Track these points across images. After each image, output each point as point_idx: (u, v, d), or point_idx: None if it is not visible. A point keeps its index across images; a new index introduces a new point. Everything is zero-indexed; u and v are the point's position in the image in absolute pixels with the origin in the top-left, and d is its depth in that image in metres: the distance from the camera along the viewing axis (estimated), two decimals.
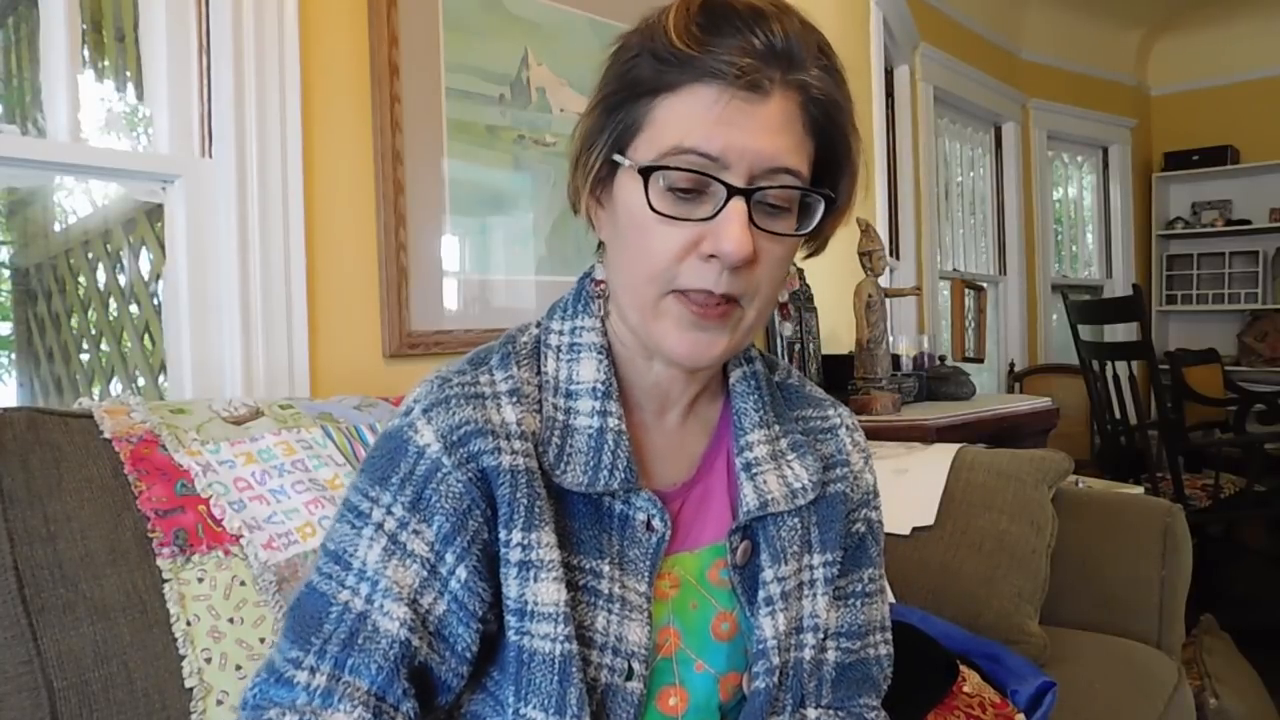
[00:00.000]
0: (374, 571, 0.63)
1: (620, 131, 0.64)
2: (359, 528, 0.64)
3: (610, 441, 0.67)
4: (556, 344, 0.71)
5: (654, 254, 0.63)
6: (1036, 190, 4.66)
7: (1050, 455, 1.54)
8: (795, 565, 0.73)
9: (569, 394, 0.69)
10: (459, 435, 0.64)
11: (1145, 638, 1.41)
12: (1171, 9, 4.89)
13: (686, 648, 0.71)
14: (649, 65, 0.62)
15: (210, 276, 1.37)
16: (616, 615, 0.66)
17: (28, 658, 0.83)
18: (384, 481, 0.65)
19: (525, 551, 0.63)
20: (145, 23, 1.37)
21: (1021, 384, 4.29)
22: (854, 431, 0.81)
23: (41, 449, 0.92)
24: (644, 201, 0.62)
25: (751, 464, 0.73)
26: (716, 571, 0.72)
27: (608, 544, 0.67)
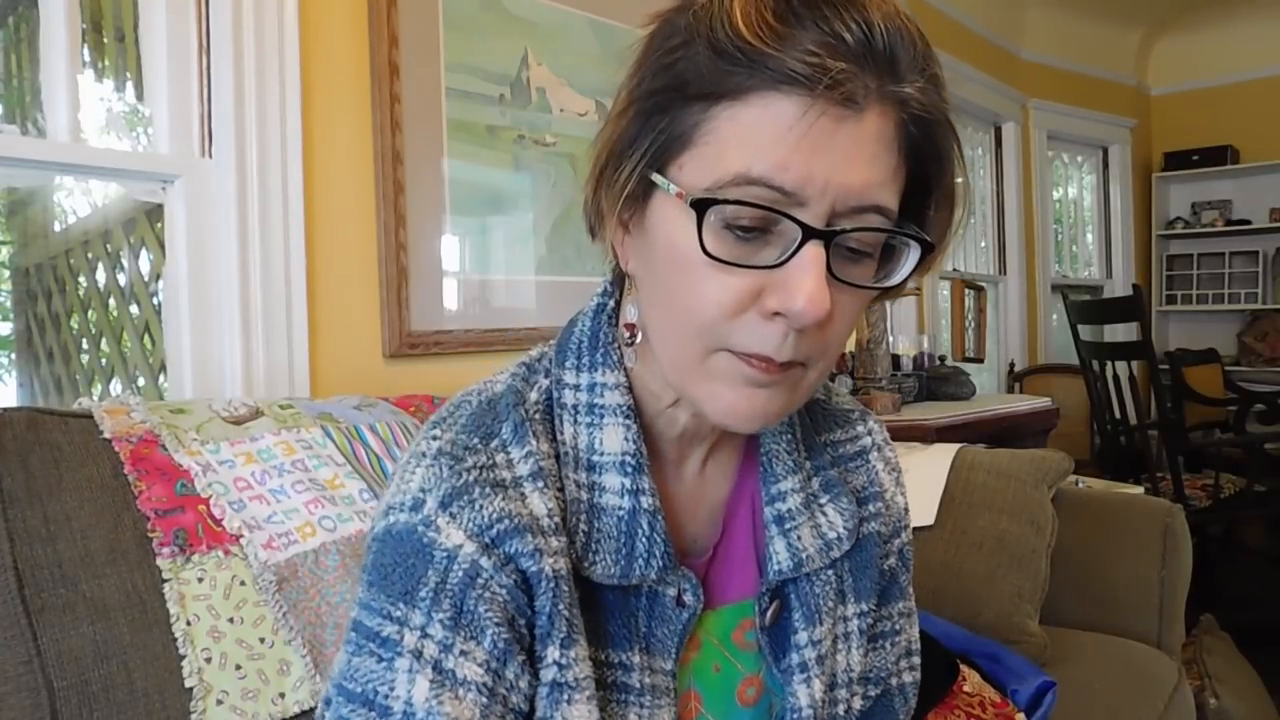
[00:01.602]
0: (424, 713, 0.49)
1: (663, 143, 0.50)
2: (388, 660, 0.51)
3: (645, 525, 0.56)
4: (573, 403, 0.58)
5: (702, 305, 0.50)
6: (1036, 190, 4.66)
7: (1050, 455, 1.54)
8: (830, 622, 0.64)
9: (591, 466, 0.57)
10: (494, 534, 0.52)
11: (1145, 638, 1.41)
12: (1171, 9, 4.89)
13: (708, 713, 0.63)
14: (706, 60, 0.48)
15: (210, 276, 1.37)
16: (648, 708, 0.58)
17: (28, 658, 0.83)
18: (409, 598, 0.51)
19: (561, 672, 0.53)
20: (145, 23, 1.37)
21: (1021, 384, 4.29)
22: (884, 450, 0.71)
23: (41, 449, 0.92)
24: (692, 239, 0.48)
25: (784, 517, 0.62)
26: (742, 633, 0.64)
27: (635, 630, 0.58)
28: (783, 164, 0.47)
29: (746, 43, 0.46)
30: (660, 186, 0.51)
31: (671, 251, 0.51)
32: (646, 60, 0.52)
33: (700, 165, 0.49)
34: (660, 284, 0.53)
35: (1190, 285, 5.34)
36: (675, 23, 0.51)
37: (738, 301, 0.50)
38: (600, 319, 0.60)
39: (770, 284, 0.49)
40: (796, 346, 0.50)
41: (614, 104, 0.54)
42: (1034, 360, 4.58)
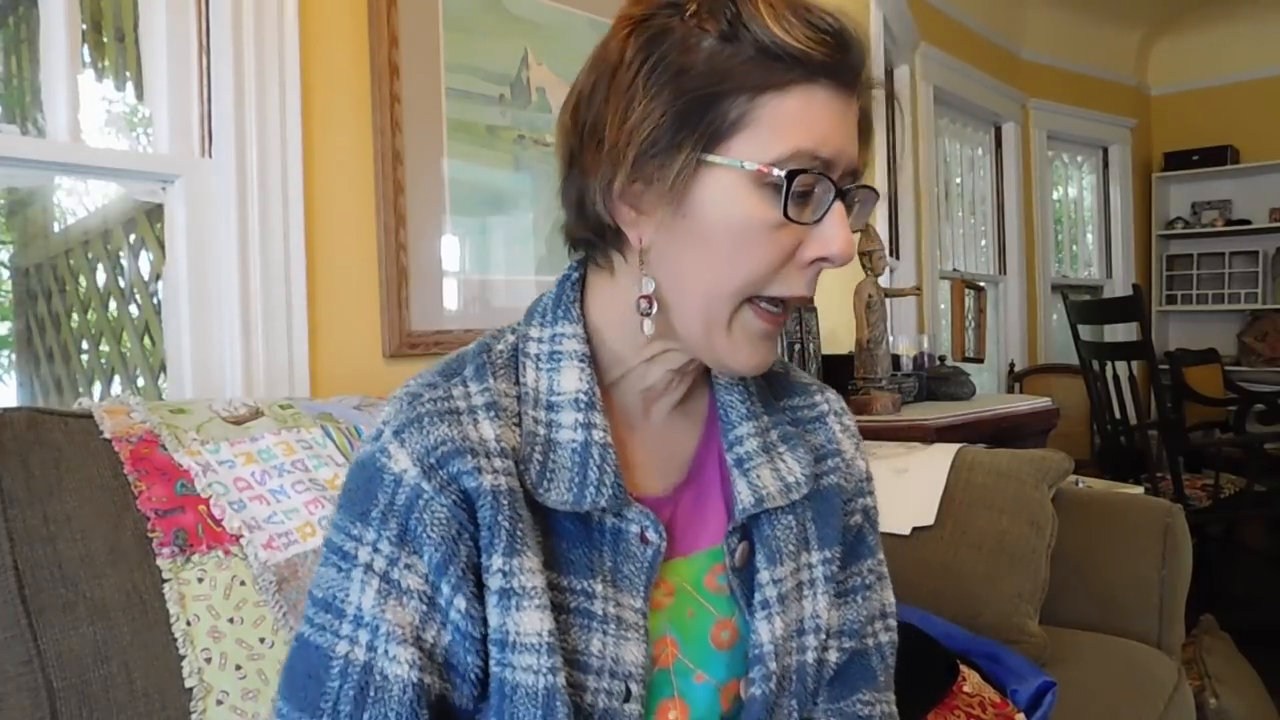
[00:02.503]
0: (372, 616, 0.58)
1: (712, 131, 0.58)
2: (346, 570, 0.60)
3: (596, 455, 0.62)
4: (536, 352, 0.66)
5: (758, 264, 0.59)
6: (1036, 190, 4.66)
7: (1050, 455, 1.54)
8: (793, 565, 0.70)
9: (550, 406, 0.64)
10: (437, 457, 0.59)
11: (1145, 638, 1.41)
12: (1171, 9, 4.89)
13: (685, 658, 0.67)
14: (746, 55, 0.57)
15: (210, 276, 1.37)
16: (612, 637, 0.63)
17: (28, 658, 0.83)
18: (364, 517, 0.60)
19: (506, 579, 0.59)
20: (145, 23, 1.37)
21: (1021, 384, 4.29)
22: (842, 416, 0.78)
23: (41, 449, 0.92)
24: (757, 209, 0.58)
25: (743, 459, 0.69)
26: (714, 577, 0.69)
27: (599, 562, 0.63)
28: (825, 140, 0.58)
29: (788, 43, 0.57)
30: (724, 165, 0.58)
31: (731, 222, 0.59)
32: (659, 61, 0.58)
33: (754, 146, 0.58)
34: (705, 250, 0.60)
35: (1190, 285, 5.34)
36: (673, 25, 0.59)
37: (784, 256, 0.60)
38: (565, 286, 0.68)
39: (809, 238, 0.60)
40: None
41: (619, 96, 0.59)
42: (1034, 360, 4.58)
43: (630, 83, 0.58)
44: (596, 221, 0.63)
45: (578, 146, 0.62)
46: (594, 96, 0.61)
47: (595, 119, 0.61)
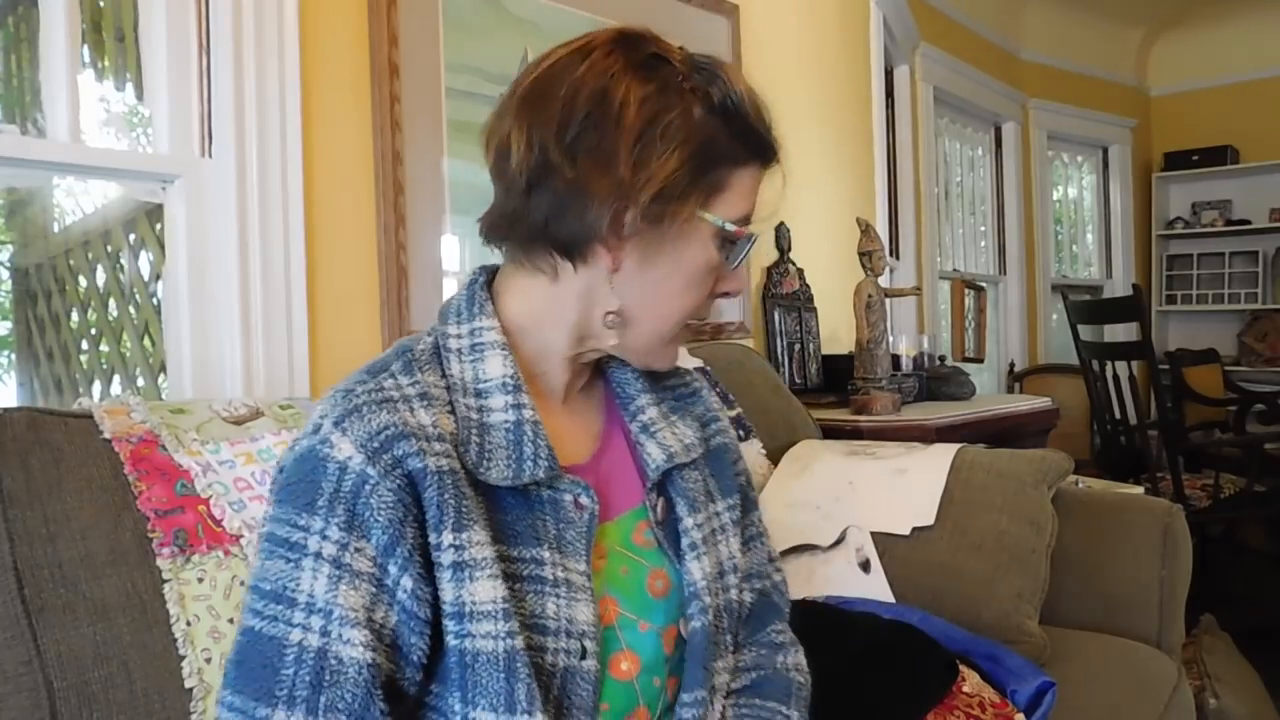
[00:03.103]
0: (325, 602, 0.61)
1: (708, 189, 0.70)
2: (295, 560, 0.62)
3: (529, 433, 0.69)
4: (457, 347, 0.72)
5: (699, 295, 0.74)
6: (1036, 190, 4.66)
7: (1050, 455, 1.54)
8: (706, 513, 0.80)
9: (479, 393, 0.70)
10: (380, 441, 0.63)
11: (1145, 638, 1.41)
12: (1171, 9, 4.89)
13: (626, 612, 0.73)
14: (737, 136, 0.70)
15: (210, 276, 1.37)
16: (564, 599, 0.68)
17: (28, 658, 0.83)
18: (310, 507, 0.62)
19: (458, 552, 0.63)
20: (145, 23, 1.37)
21: (1021, 384, 4.29)
22: (712, 392, 0.90)
23: (41, 449, 0.92)
24: (709, 256, 0.72)
25: (647, 425, 0.79)
26: (640, 534, 0.77)
27: (544, 531, 0.69)
28: (755, 207, 0.75)
29: (758, 131, 0.72)
30: (712, 221, 0.71)
31: (691, 264, 0.72)
32: (670, 112, 0.68)
33: (724, 208, 0.71)
34: (673, 284, 0.73)
35: (1190, 285, 5.34)
36: (672, 89, 0.69)
37: (710, 290, 0.75)
38: (475, 288, 0.76)
39: (723, 277, 0.75)
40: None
41: (631, 136, 0.67)
42: (1034, 360, 4.58)
43: (643, 129, 0.67)
44: (576, 236, 0.69)
45: (568, 167, 0.67)
46: (596, 128, 0.67)
47: (602, 151, 0.67)
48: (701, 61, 0.71)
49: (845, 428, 2.07)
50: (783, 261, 2.54)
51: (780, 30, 2.63)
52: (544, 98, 0.69)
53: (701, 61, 0.71)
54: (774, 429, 1.85)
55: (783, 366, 2.44)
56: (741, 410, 1.78)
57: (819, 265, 2.70)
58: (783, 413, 1.93)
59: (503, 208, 0.72)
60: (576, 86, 0.68)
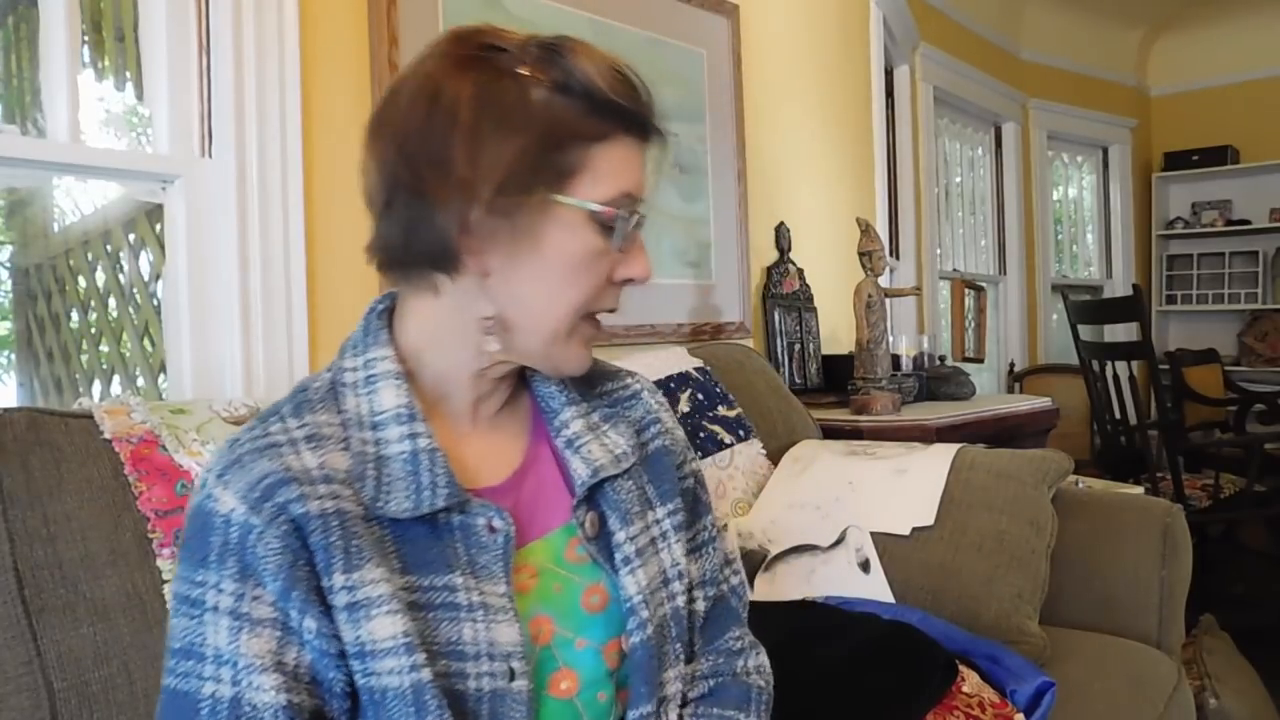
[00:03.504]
0: (230, 653, 0.61)
1: (559, 173, 0.66)
2: (198, 616, 0.62)
3: (425, 461, 0.67)
4: (352, 380, 0.71)
5: (587, 287, 0.69)
6: (1036, 190, 4.66)
7: (1050, 455, 1.54)
8: (642, 523, 0.77)
9: (375, 425, 0.68)
10: (261, 490, 0.63)
11: (1145, 638, 1.41)
12: (1171, 9, 4.89)
13: (562, 630, 0.72)
14: (583, 112, 0.66)
15: (210, 276, 1.37)
16: (482, 623, 0.67)
17: (28, 658, 0.83)
18: (204, 563, 0.63)
19: (350, 593, 0.63)
20: (145, 23, 1.37)
21: (1021, 384, 4.29)
22: (655, 394, 0.87)
23: (41, 449, 0.92)
24: (588, 241, 0.68)
25: (572, 440, 0.77)
26: (573, 550, 0.75)
27: (455, 557, 0.68)
28: (637, 184, 0.70)
29: (612, 100, 0.67)
30: (570, 205, 0.67)
31: (570, 253, 0.68)
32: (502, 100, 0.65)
33: (588, 188, 0.67)
34: (548, 279, 0.69)
35: (1190, 285, 5.34)
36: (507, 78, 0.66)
37: (605, 278, 0.70)
38: (371, 317, 0.74)
39: (619, 261, 0.71)
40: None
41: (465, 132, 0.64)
42: (1034, 360, 4.58)
43: (475, 123, 0.64)
44: (434, 247, 0.67)
45: (409, 178, 0.66)
46: (430, 131, 0.65)
47: (437, 153, 0.65)
48: (545, 42, 0.68)
49: (845, 428, 2.07)
50: (783, 261, 2.54)
51: (780, 30, 2.63)
52: (385, 118, 0.68)
53: (545, 42, 0.68)
54: (774, 429, 1.85)
55: (783, 366, 2.44)
56: (741, 410, 1.78)
57: (819, 265, 2.70)
58: (783, 413, 1.93)
59: (373, 234, 0.71)
60: (411, 97, 0.67)
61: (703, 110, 2.28)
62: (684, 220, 2.22)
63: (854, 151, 3.04)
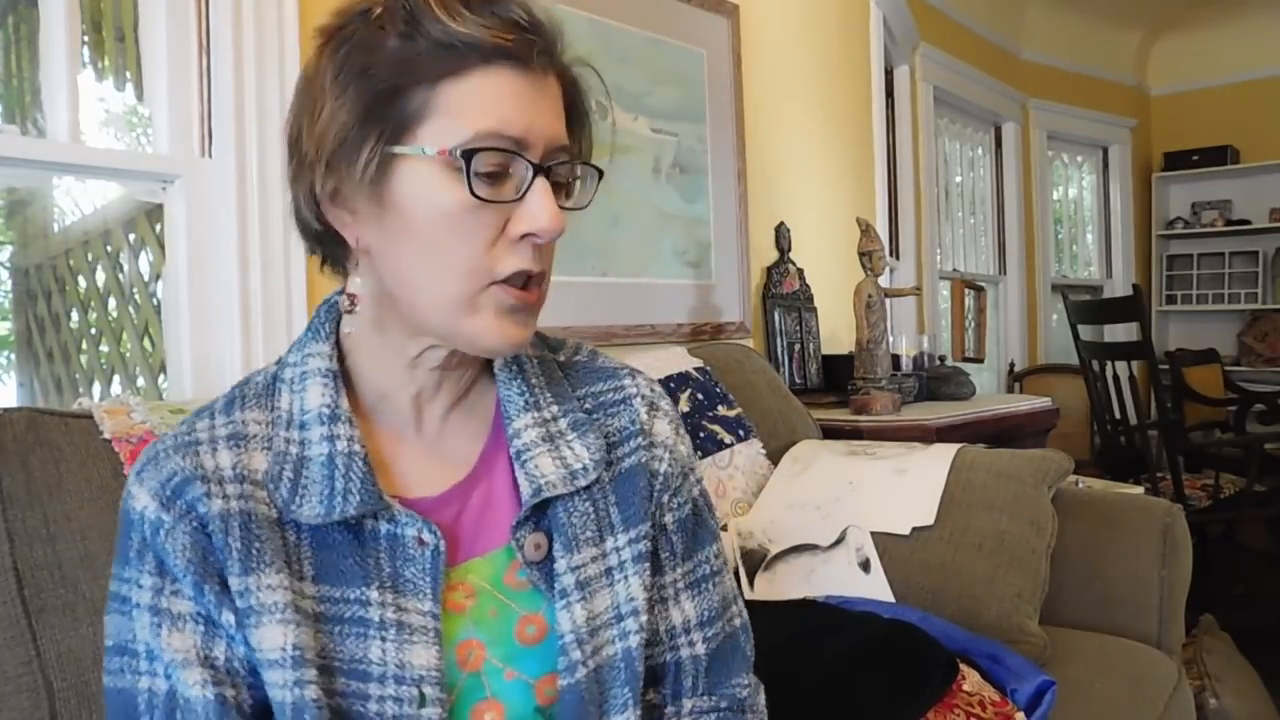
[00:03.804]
0: (158, 649, 0.61)
1: (396, 123, 0.59)
2: (126, 612, 0.62)
3: (341, 465, 0.63)
4: (290, 376, 0.68)
5: (466, 245, 0.60)
6: (1036, 190, 4.66)
7: (1050, 455, 1.54)
8: (594, 551, 0.69)
9: (301, 425, 0.65)
10: (171, 489, 0.61)
11: (1145, 638, 1.41)
12: (1171, 9, 4.89)
13: (493, 658, 0.66)
14: (422, 48, 0.58)
15: (210, 276, 1.37)
16: (393, 643, 0.62)
17: (28, 658, 0.83)
18: (127, 560, 0.63)
19: (245, 598, 0.60)
20: (145, 23, 1.37)
21: (1021, 384, 4.29)
22: (656, 400, 0.76)
23: (41, 449, 0.92)
24: (448, 193, 0.59)
25: (521, 451, 0.69)
26: (514, 573, 0.68)
27: (375, 569, 0.63)
28: (508, 120, 0.60)
29: (458, 30, 0.58)
30: (410, 154, 0.59)
31: (430, 208, 0.60)
32: (353, 58, 0.60)
33: (438, 132, 0.59)
34: (416, 241, 0.61)
35: (1190, 285, 5.34)
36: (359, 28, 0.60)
37: (493, 233, 0.61)
38: (321, 309, 0.71)
39: (514, 215, 0.61)
40: (541, 259, 0.63)
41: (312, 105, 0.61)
42: (1034, 360, 4.58)
43: (320, 90, 0.60)
44: (310, 229, 0.66)
45: (289, 163, 0.64)
46: (296, 112, 0.63)
47: (295, 132, 0.63)
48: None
49: (845, 428, 2.07)
50: (783, 261, 2.54)
51: (780, 30, 2.63)
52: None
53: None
54: (774, 429, 1.85)
55: (783, 366, 2.44)
56: (741, 410, 1.78)
57: (819, 265, 2.70)
58: (783, 413, 1.93)
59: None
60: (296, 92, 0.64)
61: (703, 110, 2.28)
62: (684, 220, 2.22)
63: (854, 151, 3.04)
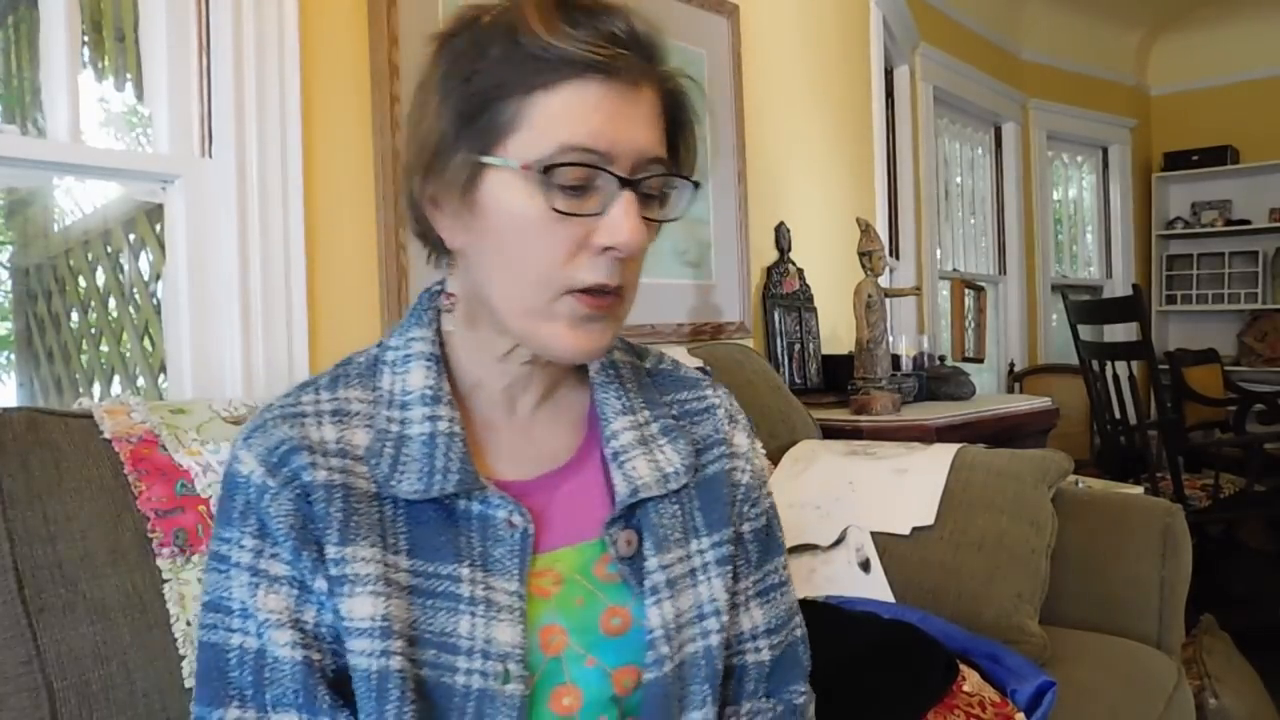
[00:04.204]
0: (251, 608, 0.63)
1: (488, 133, 0.62)
2: (225, 571, 0.64)
3: (442, 445, 0.66)
4: (391, 358, 0.71)
5: (545, 255, 0.63)
6: (1036, 190, 4.66)
7: (1050, 455, 1.54)
8: (681, 552, 0.72)
9: (402, 405, 0.68)
10: (278, 455, 0.64)
11: (1145, 638, 1.41)
12: (1171, 9, 4.89)
13: (575, 644, 0.69)
14: (517, 61, 0.61)
15: (210, 276, 1.37)
16: (482, 618, 0.65)
17: (28, 658, 0.83)
18: (229, 521, 0.65)
19: (340, 566, 0.63)
20: (145, 23, 1.37)
21: (1021, 384, 4.29)
22: (735, 415, 0.80)
23: (41, 449, 0.92)
24: (531, 203, 0.61)
25: (619, 452, 0.72)
26: (603, 566, 0.71)
27: (466, 547, 0.66)
28: (596, 133, 0.61)
29: (551, 44, 0.60)
30: (497, 165, 0.62)
31: (511, 217, 0.63)
32: (453, 68, 0.63)
33: (526, 144, 0.61)
34: (499, 247, 0.64)
35: (1190, 285, 5.34)
36: (468, 37, 0.63)
37: (574, 245, 0.63)
38: (424, 297, 0.74)
39: (597, 228, 0.63)
40: (622, 274, 0.65)
41: (413, 111, 0.66)
42: (1034, 360, 4.58)
43: (425, 96, 0.64)
44: (416, 225, 0.70)
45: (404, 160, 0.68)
46: (408, 114, 0.67)
47: (407, 134, 0.67)
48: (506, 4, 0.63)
49: (845, 428, 2.07)
50: (783, 261, 2.54)
51: (780, 30, 2.63)
52: None
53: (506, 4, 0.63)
54: (774, 429, 1.85)
55: (783, 366, 2.44)
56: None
57: (819, 265, 2.70)
58: (783, 413, 1.93)
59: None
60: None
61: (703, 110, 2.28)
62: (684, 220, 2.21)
63: (854, 151, 3.04)
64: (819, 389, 2.52)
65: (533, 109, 0.61)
